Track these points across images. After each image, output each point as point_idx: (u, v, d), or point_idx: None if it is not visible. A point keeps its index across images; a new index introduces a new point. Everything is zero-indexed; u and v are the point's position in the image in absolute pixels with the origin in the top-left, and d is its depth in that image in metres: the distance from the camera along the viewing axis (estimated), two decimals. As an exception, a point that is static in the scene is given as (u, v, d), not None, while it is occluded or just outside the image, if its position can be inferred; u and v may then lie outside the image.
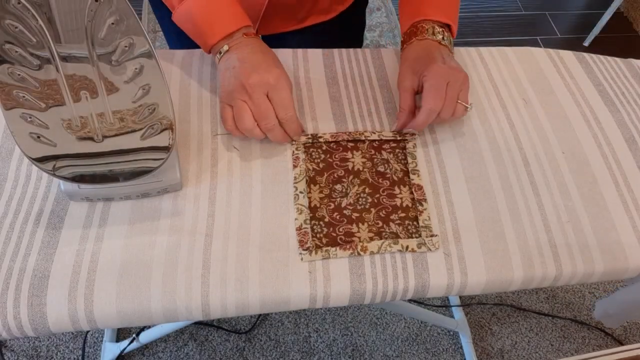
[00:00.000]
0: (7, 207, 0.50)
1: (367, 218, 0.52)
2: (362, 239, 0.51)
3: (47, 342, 1.16)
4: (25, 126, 0.43)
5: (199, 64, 0.64)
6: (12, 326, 0.45)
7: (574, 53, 0.73)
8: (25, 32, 0.39)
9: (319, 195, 0.54)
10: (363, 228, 0.52)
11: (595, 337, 1.28)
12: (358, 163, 0.56)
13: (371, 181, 0.55)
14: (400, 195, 0.54)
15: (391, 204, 0.54)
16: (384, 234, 0.52)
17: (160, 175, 0.50)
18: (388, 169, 0.56)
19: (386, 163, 0.57)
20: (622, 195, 0.57)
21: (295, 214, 0.52)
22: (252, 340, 1.20)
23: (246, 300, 0.47)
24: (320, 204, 0.53)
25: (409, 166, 0.57)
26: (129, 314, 0.46)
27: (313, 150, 0.57)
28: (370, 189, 0.55)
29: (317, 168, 0.56)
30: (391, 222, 0.52)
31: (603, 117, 0.65)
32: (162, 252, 0.48)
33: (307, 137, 0.58)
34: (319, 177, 0.55)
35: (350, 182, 0.55)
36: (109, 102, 0.44)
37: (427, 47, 0.60)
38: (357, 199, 0.54)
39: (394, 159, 0.57)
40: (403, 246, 0.50)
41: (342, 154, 0.57)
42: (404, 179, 0.56)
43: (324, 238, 0.51)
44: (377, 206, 0.53)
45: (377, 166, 0.56)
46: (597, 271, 0.52)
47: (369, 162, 0.57)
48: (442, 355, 1.22)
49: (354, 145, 0.58)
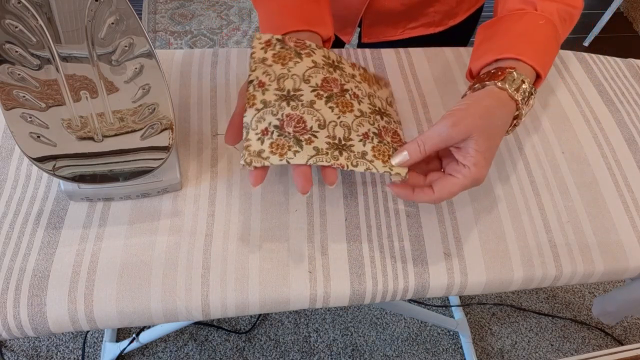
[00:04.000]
0: (7, 207, 0.50)
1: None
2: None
3: (47, 342, 1.16)
4: (25, 126, 0.43)
5: (199, 64, 0.64)
6: (12, 326, 0.45)
7: (574, 53, 0.73)
8: (25, 32, 0.39)
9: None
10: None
11: (595, 337, 1.28)
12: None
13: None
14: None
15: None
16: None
17: (160, 175, 0.50)
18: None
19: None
20: (622, 195, 0.57)
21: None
22: (252, 340, 1.20)
23: (246, 300, 0.47)
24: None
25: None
26: (129, 314, 0.46)
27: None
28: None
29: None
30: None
31: (603, 117, 0.65)
32: (162, 252, 0.48)
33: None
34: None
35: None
36: (109, 102, 0.44)
37: (492, 110, 0.46)
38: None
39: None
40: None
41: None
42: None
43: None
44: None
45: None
46: (597, 271, 0.52)
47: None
48: (442, 355, 1.22)
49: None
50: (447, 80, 0.66)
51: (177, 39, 1.90)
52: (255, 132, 0.45)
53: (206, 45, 1.90)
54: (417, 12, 0.74)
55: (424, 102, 0.63)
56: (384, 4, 0.72)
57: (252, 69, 0.49)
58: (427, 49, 0.69)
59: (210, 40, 1.92)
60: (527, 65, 0.48)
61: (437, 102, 0.63)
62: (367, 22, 0.76)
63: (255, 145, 0.44)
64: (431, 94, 0.64)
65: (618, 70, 0.71)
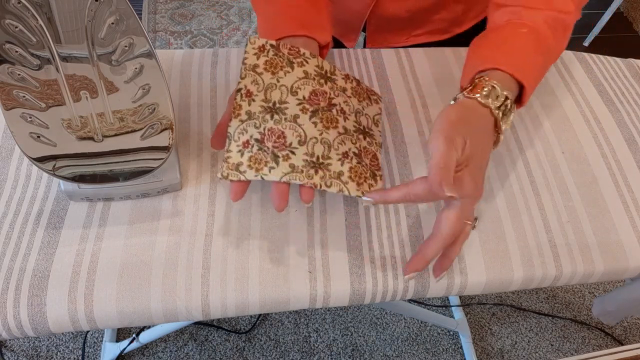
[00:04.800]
0: (7, 207, 0.50)
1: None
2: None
3: (47, 342, 1.16)
4: (25, 126, 0.43)
5: (199, 64, 0.64)
6: (12, 326, 0.45)
7: (574, 53, 0.73)
8: (25, 31, 0.39)
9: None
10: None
11: (595, 337, 1.28)
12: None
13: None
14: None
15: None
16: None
17: (160, 175, 0.50)
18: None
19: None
20: (622, 195, 0.57)
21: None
22: (252, 340, 1.20)
23: (246, 300, 0.47)
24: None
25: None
26: (129, 314, 0.46)
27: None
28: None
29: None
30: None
31: (603, 117, 0.65)
32: (162, 252, 0.48)
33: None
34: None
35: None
36: (109, 102, 0.44)
37: (466, 115, 0.45)
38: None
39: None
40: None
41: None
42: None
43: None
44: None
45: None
46: (597, 271, 0.52)
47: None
48: (442, 355, 1.22)
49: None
50: (447, 80, 0.66)
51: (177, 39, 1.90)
52: (236, 144, 0.46)
53: (206, 45, 1.90)
54: (422, 19, 0.74)
55: (424, 102, 0.63)
56: (388, 10, 0.72)
57: (242, 76, 0.49)
58: (427, 49, 0.69)
59: (210, 40, 1.92)
60: (506, 73, 0.47)
61: (437, 102, 0.63)
62: (372, 28, 0.76)
63: (235, 157, 0.45)
64: (431, 94, 0.64)
65: (618, 70, 0.71)
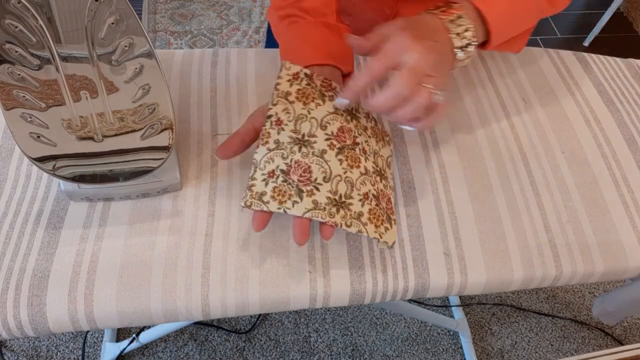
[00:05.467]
0: (7, 207, 0.50)
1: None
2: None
3: (47, 342, 1.16)
4: (25, 126, 0.43)
5: (199, 64, 0.64)
6: (12, 326, 0.45)
7: (574, 53, 0.73)
8: (25, 31, 0.39)
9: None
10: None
11: (595, 337, 1.28)
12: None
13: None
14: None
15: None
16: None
17: (160, 175, 0.50)
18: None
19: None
20: (622, 195, 0.57)
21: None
22: (252, 340, 1.20)
23: (246, 300, 0.47)
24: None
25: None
26: (129, 314, 0.46)
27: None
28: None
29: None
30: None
31: (603, 117, 0.65)
32: (162, 252, 0.48)
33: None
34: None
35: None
36: (109, 102, 0.44)
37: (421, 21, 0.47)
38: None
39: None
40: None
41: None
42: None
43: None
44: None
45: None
46: (597, 271, 0.52)
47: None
48: (442, 355, 1.22)
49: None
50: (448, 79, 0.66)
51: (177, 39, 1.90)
52: (262, 172, 0.45)
53: (206, 45, 1.90)
54: None
55: (424, 102, 0.63)
56: None
57: (273, 103, 0.48)
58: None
59: (210, 40, 1.92)
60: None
61: (437, 102, 0.63)
62: None
63: (259, 186, 0.45)
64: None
65: (618, 70, 0.71)
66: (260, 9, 2.05)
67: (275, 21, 0.58)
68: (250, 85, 0.62)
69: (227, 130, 0.58)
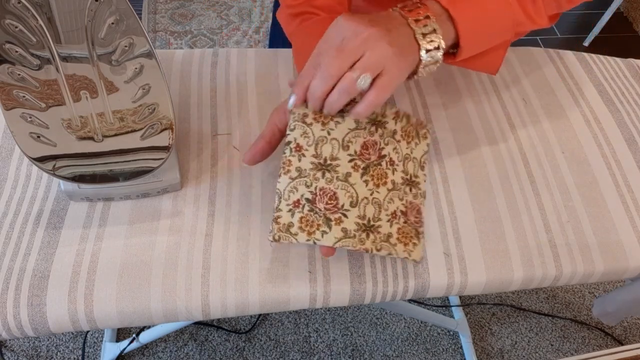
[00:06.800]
0: (7, 207, 0.50)
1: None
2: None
3: (47, 342, 1.16)
4: (25, 126, 0.43)
5: (199, 64, 0.64)
6: (12, 326, 0.45)
7: (574, 53, 0.73)
8: (25, 32, 0.39)
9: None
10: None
11: (595, 337, 1.28)
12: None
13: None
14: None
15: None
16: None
17: (160, 175, 0.50)
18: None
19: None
20: (622, 195, 0.57)
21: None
22: (252, 340, 1.20)
23: (246, 300, 0.47)
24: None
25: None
26: (129, 314, 0.46)
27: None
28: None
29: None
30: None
31: (603, 117, 0.65)
32: (162, 252, 0.48)
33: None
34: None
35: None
36: (109, 102, 0.44)
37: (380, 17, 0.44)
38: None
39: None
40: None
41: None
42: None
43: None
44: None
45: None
46: (597, 271, 0.52)
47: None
48: (442, 355, 1.22)
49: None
50: (448, 79, 0.66)
51: (177, 39, 1.90)
52: (287, 203, 0.45)
53: (206, 45, 1.90)
54: None
55: (424, 102, 0.63)
56: None
57: (290, 128, 0.47)
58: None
59: (210, 40, 1.92)
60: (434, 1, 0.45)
61: (437, 102, 0.63)
62: None
63: (285, 217, 0.44)
64: (431, 92, 0.64)
65: (618, 70, 0.71)
66: (260, 9, 2.05)
67: (287, 20, 0.57)
68: (250, 85, 0.62)
69: (227, 130, 0.58)
